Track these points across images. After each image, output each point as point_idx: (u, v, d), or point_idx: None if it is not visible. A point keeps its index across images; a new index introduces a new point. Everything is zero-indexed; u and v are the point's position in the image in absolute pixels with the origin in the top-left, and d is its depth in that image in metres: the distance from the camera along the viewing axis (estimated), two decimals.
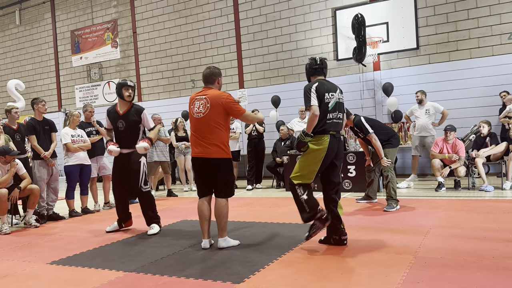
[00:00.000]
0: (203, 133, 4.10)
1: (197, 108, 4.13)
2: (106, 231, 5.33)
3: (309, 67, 4.17)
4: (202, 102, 4.13)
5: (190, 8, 12.39)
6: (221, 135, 4.11)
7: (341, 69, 10.50)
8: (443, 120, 8.50)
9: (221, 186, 4.18)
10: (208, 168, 4.16)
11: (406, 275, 3.10)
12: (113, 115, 5.21)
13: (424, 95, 8.45)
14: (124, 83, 5.17)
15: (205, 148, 4.09)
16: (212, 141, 4.07)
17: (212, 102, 4.08)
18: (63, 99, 14.92)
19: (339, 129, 4.04)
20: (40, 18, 15.27)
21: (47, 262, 4.08)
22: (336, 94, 4.02)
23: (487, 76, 9.06)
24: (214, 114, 4.07)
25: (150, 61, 13.16)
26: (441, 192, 7.06)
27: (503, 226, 4.43)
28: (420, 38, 9.68)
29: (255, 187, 9.13)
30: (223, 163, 4.14)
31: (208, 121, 4.08)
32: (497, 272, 3.07)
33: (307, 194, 3.87)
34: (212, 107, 4.07)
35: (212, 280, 3.24)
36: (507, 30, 8.93)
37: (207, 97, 4.12)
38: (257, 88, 11.43)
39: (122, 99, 5.16)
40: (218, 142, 4.08)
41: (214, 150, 4.08)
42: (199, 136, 4.14)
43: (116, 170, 5.27)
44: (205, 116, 4.08)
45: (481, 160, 7.14)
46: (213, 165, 4.12)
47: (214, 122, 4.07)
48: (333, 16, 10.53)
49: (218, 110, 4.07)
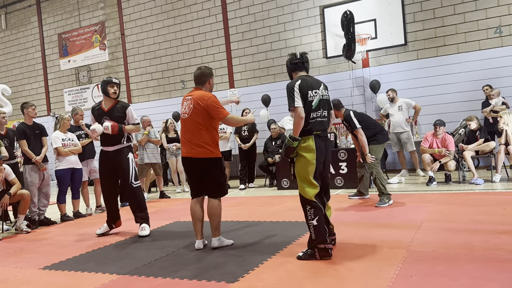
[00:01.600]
0: (189, 133, 4.14)
1: (184, 108, 4.18)
2: (96, 234, 5.27)
3: (290, 62, 3.91)
4: (187, 103, 4.16)
5: (178, 9, 12.34)
6: (205, 135, 4.10)
7: (331, 67, 10.54)
8: (416, 115, 8.72)
9: (212, 186, 4.18)
10: (196, 168, 4.17)
11: (399, 269, 3.12)
12: (98, 111, 5.19)
13: (394, 93, 8.75)
14: (109, 81, 5.15)
15: (192, 148, 4.12)
16: (197, 142, 4.09)
17: (195, 103, 4.10)
18: (52, 103, 14.79)
19: (325, 127, 3.79)
20: (27, 21, 15.12)
21: (40, 267, 4.04)
22: (320, 91, 3.75)
23: (474, 71, 9.15)
24: (197, 115, 4.08)
25: (139, 62, 13.10)
26: (432, 186, 7.12)
27: (493, 218, 4.48)
28: (408, 34, 9.75)
29: (247, 186, 9.13)
30: (211, 163, 4.14)
31: (192, 121, 4.10)
32: (488, 264, 3.10)
33: (317, 220, 3.57)
34: (194, 108, 4.09)
35: (207, 280, 3.24)
36: (493, 24, 9.02)
37: (192, 98, 4.14)
38: (248, 88, 11.43)
39: (108, 96, 5.15)
40: (203, 142, 4.09)
41: (201, 151, 4.09)
42: (186, 137, 4.18)
43: (103, 169, 5.21)
44: (189, 117, 4.12)
45: (469, 153, 7.21)
46: (200, 165, 4.14)
47: (197, 123, 4.09)
48: (321, 14, 10.56)
49: (200, 111, 4.07)
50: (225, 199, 8.02)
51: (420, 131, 9.54)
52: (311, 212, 3.60)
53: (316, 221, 3.58)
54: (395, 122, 8.60)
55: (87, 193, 7.30)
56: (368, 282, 2.94)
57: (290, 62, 3.91)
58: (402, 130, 8.53)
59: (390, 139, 8.82)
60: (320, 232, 3.57)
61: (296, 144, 3.61)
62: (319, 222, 3.58)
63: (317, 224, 3.58)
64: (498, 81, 8.79)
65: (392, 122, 8.69)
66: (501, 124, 7.09)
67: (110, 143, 5.11)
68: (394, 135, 8.65)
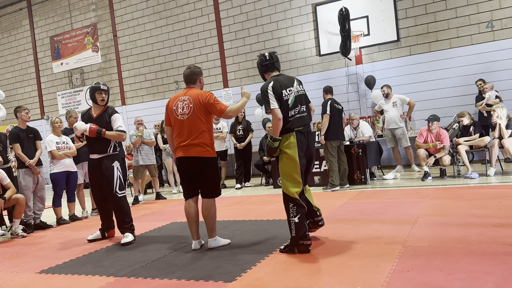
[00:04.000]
0: (188, 134, 4.06)
1: (181, 109, 4.10)
2: (88, 240, 5.13)
3: (260, 64, 3.93)
4: (185, 103, 4.10)
5: (170, 9, 12.31)
6: (205, 135, 4.09)
7: (324, 64, 10.55)
8: (410, 111, 8.74)
9: (206, 186, 4.15)
10: (192, 168, 4.13)
11: (396, 265, 3.13)
12: (87, 118, 5.10)
13: (389, 89, 8.79)
14: (97, 87, 5.01)
15: (189, 148, 4.06)
16: (196, 141, 4.05)
17: (194, 102, 4.07)
18: (45, 106, 14.71)
19: (306, 122, 3.82)
20: (18, 25, 15.02)
21: (36, 271, 4.02)
22: (294, 88, 3.79)
23: (467, 65, 9.19)
24: (197, 114, 4.06)
25: (132, 64, 13.05)
26: (427, 181, 7.15)
27: (488, 212, 4.51)
28: (400, 30, 9.77)
29: (244, 185, 9.12)
30: (206, 162, 4.10)
31: (192, 122, 4.05)
32: (484, 257, 3.12)
33: (299, 218, 3.64)
34: (195, 107, 4.05)
35: (204, 280, 3.24)
36: (485, 19, 9.07)
37: (190, 98, 4.09)
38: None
39: (96, 103, 5.05)
40: (202, 142, 4.06)
41: (198, 150, 4.06)
42: (183, 138, 4.09)
43: (92, 177, 5.12)
44: (189, 117, 4.06)
45: (463, 147, 7.25)
46: (196, 164, 4.09)
47: (198, 123, 4.06)
48: (313, 11, 10.57)
49: (200, 110, 4.06)
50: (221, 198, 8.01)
51: (414, 127, 9.57)
52: (294, 210, 3.66)
53: (297, 219, 3.65)
54: (390, 118, 8.64)
55: (83, 196, 7.27)
56: (366, 278, 2.95)
57: (261, 64, 3.94)
58: (396, 126, 8.57)
59: (385, 135, 8.87)
60: (301, 230, 3.66)
61: (277, 144, 3.70)
62: (300, 220, 3.66)
63: (298, 222, 3.65)
64: (491, 75, 8.84)
65: (387, 118, 8.72)
66: (494, 117, 7.13)
67: (97, 151, 4.99)
68: (388, 131, 8.69)
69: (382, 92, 8.79)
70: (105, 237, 5.21)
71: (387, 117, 8.73)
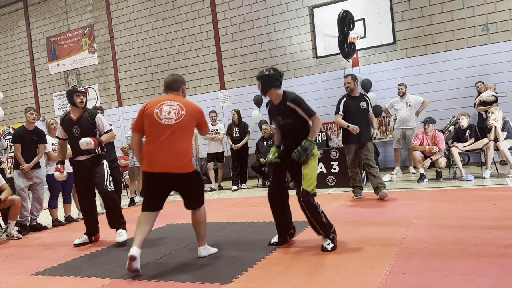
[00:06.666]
0: (170, 141, 3.62)
1: (167, 113, 3.67)
2: (74, 244, 4.99)
3: (275, 78, 3.95)
4: (174, 108, 3.70)
5: (167, 11, 12.31)
6: (189, 148, 3.76)
7: (321, 67, 10.58)
8: (423, 107, 8.67)
9: (194, 199, 3.84)
10: (173, 185, 3.78)
11: (392, 266, 3.14)
12: (67, 122, 5.00)
13: (406, 88, 8.63)
14: (74, 90, 4.97)
15: (172, 161, 3.63)
16: (180, 153, 3.65)
17: (187, 111, 3.72)
18: (41, 107, 14.66)
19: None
20: (14, 26, 14.98)
21: (31, 273, 4.00)
22: None
23: (463, 68, 9.24)
24: (188, 123, 3.71)
25: (129, 65, 13.03)
26: (423, 183, 7.17)
27: (484, 214, 4.53)
28: (397, 32, 9.81)
29: (240, 187, 9.12)
30: (191, 177, 3.76)
31: (180, 129, 3.66)
32: (479, 259, 3.13)
33: (320, 207, 3.86)
34: (187, 115, 3.70)
35: (200, 282, 3.23)
36: (481, 22, 9.12)
37: (181, 104, 3.74)
38: (239, 89, 11.43)
39: (75, 106, 4.98)
40: (186, 154, 3.71)
41: (183, 164, 3.68)
42: (164, 146, 3.62)
43: (78, 180, 5.04)
44: (178, 123, 3.66)
45: (456, 150, 7.27)
46: (181, 181, 3.72)
47: (186, 132, 3.71)
48: (310, 14, 10.60)
49: (192, 121, 3.75)
50: (217, 200, 7.99)
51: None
52: (316, 202, 3.85)
53: (321, 208, 3.87)
54: (402, 118, 8.53)
55: None
56: (361, 279, 2.95)
57: (276, 79, 3.95)
58: (408, 127, 8.48)
59: (394, 135, 8.80)
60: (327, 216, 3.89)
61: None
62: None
63: (322, 210, 3.87)
64: (487, 78, 8.88)
65: (399, 117, 8.60)
66: (491, 120, 7.16)
67: (85, 152, 4.89)
68: (399, 131, 8.56)
69: (399, 90, 8.62)
70: (92, 240, 5.10)
71: (398, 116, 8.61)
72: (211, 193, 9.00)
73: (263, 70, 4.02)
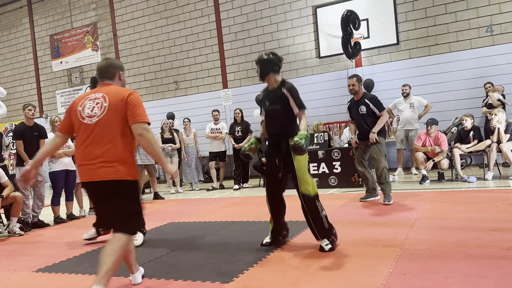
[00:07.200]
0: (95, 145, 2.90)
1: (89, 110, 2.94)
2: (83, 238, 4.97)
3: (274, 63, 3.91)
4: (97, 102, 2.95)
5: (170, 9, 12.32)
6: (122, 147, 2.91)
7: (324, 67, 10.57)
8: (425, 111, 8.66)
9: (119, 217, 2.93)
10: (104, 196, 2.97)
11: (393, 267, 3.13)
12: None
13: (410, 89, 8.62)
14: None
15: (96, 167, 2.88)
16: (108, 157, 2.87)
17: (111, 101, 2.92)
18: (44, 104, 14.70)
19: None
20: (18, 23, 15.01)
21: (33, 270, 4.01)
22: None
23: (466, 69, 9.22)
24: (113, 117, 2.89)
25: (132, 63, 13.05)
26: (425, 184, 7.16)
27: (486, 216, 4.52)
28: (400, 33, 9.79)
29: (242, 186, 9.13)
30: (121, 186, 2.91)
31: (104, 127, 2.89)
32: (481, 261, 3.13)
33: (324, 210, 3.81)
34: (110, 108, 2.91)
35: (201, 281, 3.24)
36: (485, 23, 9.09)
37: (105, 95, 2.96)
38: (241, 88, 11.43)
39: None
40: (117, 157, 2.89)
41: (110, 170, 2.86)
42: (88, 150, 2.92)
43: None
44: (101, 121, 2.90)
45: (458, 151, 7.25)
46: (107, 190, 2.91)
47: (113, 129, 2.89)
48: (313, 14, 10.59)
49: (119, 112, 2.90)
50: (219, 199, 7.99)
51: None
52: (320, 204, 3.79)
53: (324, 211, 3.83)
54: (405, 119, 8.53)
55: (81, 195, 7.25)
56: (362, 280, 2.95)
57: (276, 63, 3.88)
58: (411, 128, 8.48)
59: (397, 136, 8.79)
60: (328, 219, 3.84)
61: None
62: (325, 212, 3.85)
63: (326, 214, 3.83)
64: (490, 79, 8.83)
65: (402, 118, 8.60)
66: (494, 122, 7.15)
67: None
68: (402, 131, 8.56)
69: (403, 91, 8.61)
70: (100, 234, 5.06)
71: (402, 117, 8.61)
72: (213, 192, 9.01)
73: (262, 54, 3.93)
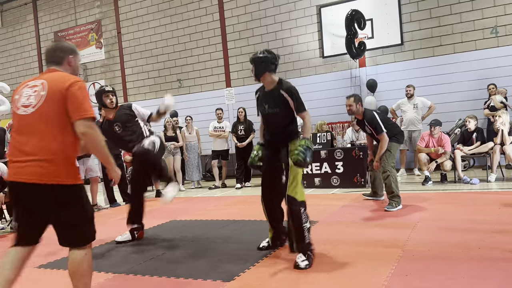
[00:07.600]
0: (29, 139, 2.45)
1: (26, 99, 2.51)
2: (116, 241, 4.69)
3: (270, 61, 3.61)
4: (35, 90, 2.50)
5: (175, 7, 12.32)
6: (60, 144, 2.45)
7: (327, 66, 10.55)
8: (429, 112, 8.63)
9: (66, 230, 2.55)
10: (34, 202, 2.50)
11: (395, 268, 3.13)
12: (106, 124, 4.71)
13: (414, 90, 8.59)
14: (102, 91, 4.73)
15: (28, 165, 2.42)
16: (44, 154, 2.41)
17: (50, 90, 2.46)
18: None
19: None
20: (22, 19, 15.05)
21: (35, 266, 4.02)
22: None
23: (471, 71, 9.18)
24: (52, 108, 2.44)
25: (136, 61, 13.06)
26: (428, 186, 7.14)
27: (488, 218, 4.50)
28: (404, 34, 9.76)
29: (244, 185, 9.12)
30: (62, 192, 2.46)
31: (40, 120, 2.45)
32: (483, 263, 3.12)
33: (309, 223, 3.47)
34: (48, 97, 2.45)
35: (202, 279, 3.24)
36: (489, 25, 9.05)
37: (44, 82, 2.51)
38: (244, 87, 11.41)
39: (106, 107, 4.72)
40: (53, 156, 2.42)
41: (45, 170, 2.40)
42: (19, 146, 2.48)
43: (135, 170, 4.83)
44: (36, 112, 2.46)
45: (460, 152, 7.23)
46: (40, 196, 2.45)
47: (51, 122, 2.44)
48: (317, 13, 10.57)
49: (57, 101, 2.44)
50: (221, 198, 7.99)
51: None
52: (306, 215, 3.46)
53: (309, 223, 3.49)
54: (408, 120, 8.52)
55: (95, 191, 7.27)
56: (364, 281, 2.95)
57: (272, 62, 3.61)
58: (414, 128, 8.48)
59: None
60: (310, 236, 3.49)
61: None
62: (310, 225, 3.52)
63: (310, 226, 3.49)
64: (495, 81, 8.80)
65: (405, 119, 8.59)
66: (498, 123, 7.12)
67: (131, 146, 4.66)
68: (405, 132, 8.47)
69: (407, 92, 8.60)
70: (135, 238, 4.74)
71: (405, 118, 8.58)
72: (215, 190, 9.01)
73: (257, 52, 3.67)
